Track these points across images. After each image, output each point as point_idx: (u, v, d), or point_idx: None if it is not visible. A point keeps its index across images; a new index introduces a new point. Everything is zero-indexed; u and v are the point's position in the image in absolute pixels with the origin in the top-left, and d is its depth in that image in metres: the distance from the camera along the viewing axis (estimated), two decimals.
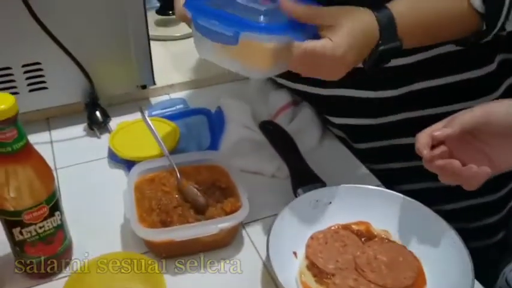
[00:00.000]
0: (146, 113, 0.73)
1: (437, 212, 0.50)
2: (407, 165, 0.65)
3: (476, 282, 0.47)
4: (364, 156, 0.64)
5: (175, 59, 0.88)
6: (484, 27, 0.47)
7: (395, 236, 0.51)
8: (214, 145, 0.65)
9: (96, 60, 0.67)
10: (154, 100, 0.77)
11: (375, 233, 0.52)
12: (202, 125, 0.70)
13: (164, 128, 0.66)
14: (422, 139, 0.43)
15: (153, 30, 0.98)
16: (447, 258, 0.46)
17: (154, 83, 0.74)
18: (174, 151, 0.63)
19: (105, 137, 0.68)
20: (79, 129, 0.70)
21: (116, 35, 0.67)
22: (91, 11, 0.64)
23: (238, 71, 0.48)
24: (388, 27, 0.44)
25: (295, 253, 0.50)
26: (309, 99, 0.68)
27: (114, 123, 0.69)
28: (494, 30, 0.47)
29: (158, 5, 1.01)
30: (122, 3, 0.65)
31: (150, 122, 0.57)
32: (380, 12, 0.44)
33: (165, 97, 0.78)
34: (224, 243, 0.51)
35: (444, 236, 0.48)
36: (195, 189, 0.53)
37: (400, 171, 0.65)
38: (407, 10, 0.45)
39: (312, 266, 0.48)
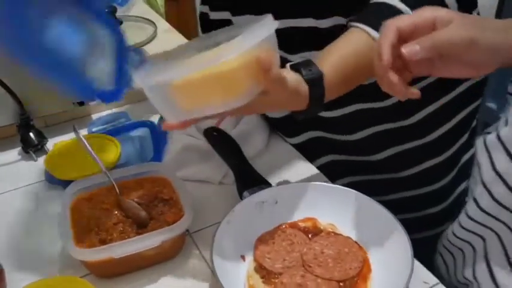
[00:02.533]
0: (86, 130, 0.71)
1: (380, 203, 0.50)
2: (348, 158, 0.66)
3: (421, 266, 0.48)
4: (302, 151, 0.64)
5: None
6: None
7: (340, 229, 0.52)
8: (157, 157, 0.64)
9: (25, 79, 0.64)
10: (96, 116, 0.74)
11: (321, 228, 0.52)
12: (146, 137, 0.68)
13: (104, 143, 0.64)
14: (390, 34, 0.38)
15: None
16: (389, 245, 0.47)
17: None
18: (116, 166, 0.61)
19: (43, 159, 0.65)
20: (14, 153, 0.67)
21: None
22: None
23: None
24: (317, 102, 0.46)
25: (243, 257, 0.49)
26: None
27: (52, 143, 0.66)
28: None
29: None
30: None
31: (83, 139, 0.54)
32: (314, 87, 0.45)
33: (108, 112, 0.76)
34: (170, 256, 0.50)
35: (386, 224, 0.48)
36: (136, 204, 0.51)
37: (342, 165, 0.66)
38: (335, 74, 0.46)
39: (260, 268, 0.48)
